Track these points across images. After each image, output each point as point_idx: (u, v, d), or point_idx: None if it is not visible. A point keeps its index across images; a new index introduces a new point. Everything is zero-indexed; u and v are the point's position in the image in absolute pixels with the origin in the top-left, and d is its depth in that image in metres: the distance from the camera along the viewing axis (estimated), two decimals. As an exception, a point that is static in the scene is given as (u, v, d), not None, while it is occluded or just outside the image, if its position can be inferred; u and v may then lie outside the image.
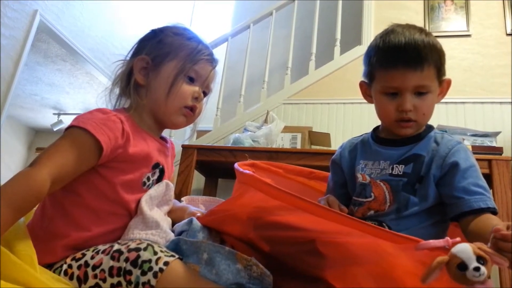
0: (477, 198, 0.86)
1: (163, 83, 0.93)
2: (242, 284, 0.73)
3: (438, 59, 0.94)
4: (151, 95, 0.95)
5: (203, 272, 0.75)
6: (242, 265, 0.74)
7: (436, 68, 0.94)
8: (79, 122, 0.81)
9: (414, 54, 0.91)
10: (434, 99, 0.96)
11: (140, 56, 0.96)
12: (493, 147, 1.97)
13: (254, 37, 3.25)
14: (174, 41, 0.97)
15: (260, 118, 2.76)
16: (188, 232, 0.84)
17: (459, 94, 2.60)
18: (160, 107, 0.94)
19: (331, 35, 3.10)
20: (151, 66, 0.95)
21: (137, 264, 0.73)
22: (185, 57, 0.95)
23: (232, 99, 3.40)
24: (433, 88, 0.95)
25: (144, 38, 1.01)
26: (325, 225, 0.70)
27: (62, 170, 0.76)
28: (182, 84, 0.94)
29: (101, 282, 0.75)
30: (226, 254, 0.75)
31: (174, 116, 0.96)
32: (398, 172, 0.95)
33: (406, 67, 0.91)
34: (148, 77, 0.95)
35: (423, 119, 0.96)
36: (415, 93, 0.93)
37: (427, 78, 0.92)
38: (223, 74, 3.14)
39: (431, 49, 0.93)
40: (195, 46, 0.97)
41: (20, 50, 3.36)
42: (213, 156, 2.15)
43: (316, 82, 2.90)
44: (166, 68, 0.94)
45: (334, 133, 2.59)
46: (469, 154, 0.94)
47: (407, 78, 0.91)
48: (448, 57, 1.00)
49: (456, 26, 2.82)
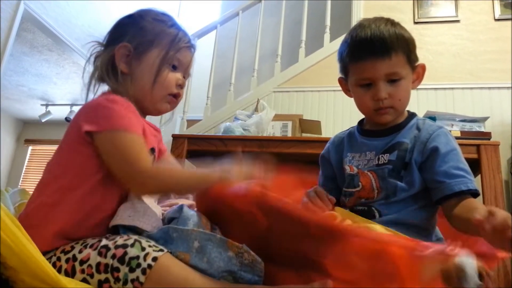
0: (458, 181, 0.89)
1: (148, 71, 0.94)
2: (234, 271, 0.73)
3: (406, 46, 0.97)
4: (136, 84, 0.95)
5: (194, 261, 0.74)
6: (234, 253, 0.74)
7: (405, 55, 0.97)
8: (117, 125, 0.84)
9: (381, 44, 0.94)
10: (408, 84, 0.99)
11: (122, 44, 0.94)
12: (481, 132, 1.99)
13: (244, 25, 3.23)
14: (155, 28, 0.97)
15: (250, 107, 2.75)
16: (179, 220, 0.83)
17: (448, 80, 2.62)
18: (146, 95, 0.95)
19: (320, 22, 3.08)
20: (134, 54, 0.95)
21: (124, 261, 0.72)
22: (168, 45, 0.96)
23: (222, 88, 3.39)
24: (405, 74, 0.97)
25: (123, 23, 1.00)
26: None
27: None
28: (167, 72, 0.96)
29: (89, 278, 0.74)
30: (218, 241, 0.75)
31: (159, 103, 0.97)
32: (383, 161, 0.99)
33: (374, 57, 0.95)
34: (131, 65, 0.95)
35: (400, 105, 0.99)
36: (388, 81, 0.96)
37: (396, 65, 0.95)
38: (212, 63, 3.12)
39: (397, 38, 0.96)
40: (176, 33, 0.98)
41: (5, 40, 3.30)
42: (204, 146, 2.15)
43: (306, 69, 2.89)
44: (149, 56, 0.95)
45: (325, 121, 2.59)
46: (450, 138, 0.97)
47: (377, 68, 0.95)
48: (437, 43, 1.01)
49: (445, 12, 2.82)
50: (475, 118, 2.07)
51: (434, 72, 2.66)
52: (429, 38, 2.76)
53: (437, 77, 2.65)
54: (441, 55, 2.71)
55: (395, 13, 2.87)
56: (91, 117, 0.85)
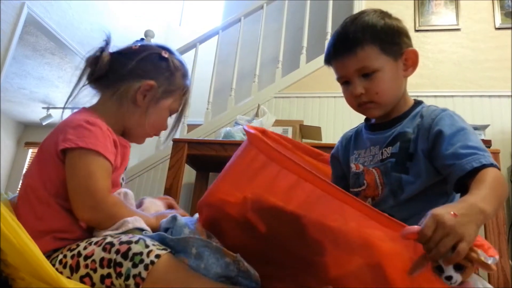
0: (469, 159, 0.78)
1: (156, 115, 1.03)
2: (231, 276, 0.74)
3: (376, 36, 0.93)
4: (136, 118, 1.01)
5: (192, 266, 0.75)
6: (231, 259, 0.75)
7: (376, 46, 0.92)
8: (88, 144, 0.87)
9: (343, 42, 0.95)
10: (388, 75, 0.94)
11: (152, 83, 1.00)
12: (482, 140, 1.99)
13: (245, 31, 3.24)
14: (180, 81, 1.06)
15: (251, 112, 2.76)
16: (173, 230, 0.84)
17: (448, 88, 2.63)
18: (136, 129, 1.04)
19: (322, 29, 3.09)
20: (155, 96, 1.01)
21: (127, 256, 0.73)
22: (179, 95, 1.06)
23: (223, 93, 3.39)
24: (380, 66, 0.92)
25: (160, 64, 1.03)
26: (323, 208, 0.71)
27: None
28: (166, 120, 1.07)
29: (92, 272, 0.75)
30: (214, 248, 0.75)
31: (138, 139, 1.08)
32: (386, 155, 0.95)
33: (340, 56, 0.95)
34: (145, 101, 1.01)
35: (379, 97, 0.94)
36: (363, 76, 0.94)
37: (365, 59, 0.92)
38: (214, 68, 3.13)
39: (363, 30, 0.93)
40: (187, 84, 1.08)
41: (8, 43, 3.32)
42: (204, 150, 2.15)
43: (307, 75, 2.90)
44: (163, 104, 1.03)
45: (325, 127, 2.60)
46: (455, 119, 0.90)
47: (346, 65, 0.94)
48: (438, 51, 1.01)
49: (445, 20, 2.84)
50: (475, 126, 2.08)
51: (435, 80, 2.67)
52: (429, 46, 2.77)
53: (437, 85, 2.66)
54: (442, 63, 2.72)
55: (396, 21, 2.89)
56: (69, 134, 0.89)
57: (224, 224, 0.87)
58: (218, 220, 0.88)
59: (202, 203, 0.89)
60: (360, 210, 0.67)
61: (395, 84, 0.96)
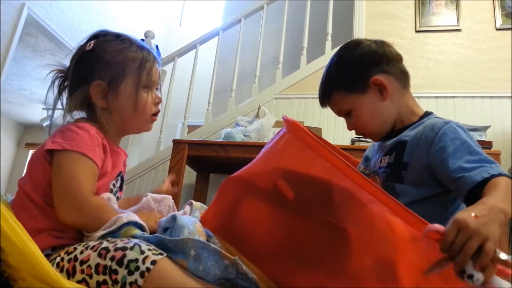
0: (478, 171, 0.80)
1: (127, 102, 0.98)
2: (230, 279, 0.73)
3: (337, 82, 1.04)
4: (117, 115, 0.99)
5: (191, 269, 0.73)
6: (230, 261, 0.74)
7: (341, 89, 1.02)
8: (74, 146, 0.87)
9: (320, 94, 1.09)
10: (366, 107, 1.00)
11: (96, 83, 0.96)
12: (482, 141, 1.99)
13: (246, 32, 3.24)
14: (120, 57, 0.99)
15: (251, 113, 2.75)
16: (173, 230, 0.83)
17: (449, 88, 2.62)
18: (130, 122, 1.01)
19: (322, 30, 3.09)
20: (109, 89, 0.97)
21: (122, 263, 0.72)
22: (138, 70, 0.99)
23: (224, 94, 3.39)
24: (352, 105, 1.01)
25: (87, 60, 1.00)
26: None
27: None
28: (144, 96, 1.00)
29: (88, 278, 0.74)
30: (213, 251, 0.75)
31: (144, 126, 1.05)
32: (384, 163, 0.99)
33: (322, 103, 1.10)
34: (108, 99, 0.98)
35: (367, 129, 1.03)
36: (346, 115, 1.04)
37: (337, 104, 1.04)
38: (214, 69, 3.12)
39: (326, 81, 1.06)
40: (140, 55, 1.01)
41: (8, 44, 3.31)
42: (205, 151, 2.14)
43: (308, 76, 2.89)
44: (124, 87, 0.98)
45: (326, 128, 2.59)
46: (458, 132, 0.90)
47: (331, 109, 1.09)
48: (438, 52, 1.02)
49: (446, 21, 2.84)
50: (476, 127, 2.07)
51: (435, 81, 2.66)
52: (430, 47, 2.77)
53: (438, 86, 2.65)
54: (442, 64, 2.71)
55: (397, 22, 2.89)
56: (56, 137, 0.89)
57: (249, 201, 0.86)
58: (244, 197, 0.86)
59: (229, 180, 0.87)
60: (388, 205, 0.67)
61: (376, 112, 1.01)
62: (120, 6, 4.76)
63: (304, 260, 0.76)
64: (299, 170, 0.79)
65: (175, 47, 3.49)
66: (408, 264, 0.66)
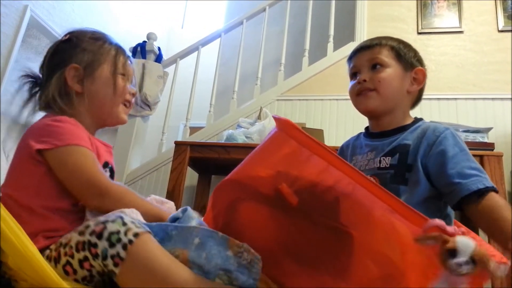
0: (474, 180, 0.85)
1: (104, 85, 1.00)
2: (230, 270, 0.72)
3: (395, 46, 1.06)
4: (94, 100, 1.00)
5: (192, 256, 0.72)
6: (233, 252, 0.73)
7: (392, 50, 1.05)
8: (65, 141, 0.87)
9: (367, 42, 1.09)
10: (393, 75, 1.03)
11: (72, 66, 0.98)
12: (485, 143, 1.98)
13: (247, 33, 3.24)
14: (97, 46, 1.02)
15: (253, 115, 2.75)
16: (182, 219, 0.83)
17: (451, 90, 2.62)
18: (105, 107, 1.01)
19: (324, 32, 3.09)
20: (85, 74, 0.99)
21: (102, 236, 0.69)
22: (113, 58, 1.02)
23: (225, 96, 3.39)
24: (390, 64, 1.03)
25: (62, 49, 1.02)
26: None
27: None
28: (121, 81, 1.03)
29: (70, 259, 0.72)
30: (219, 239, 0.74)
31: (119, 113, 1.04)
32: (385, 164, 0.98)
33: (361, 50, 1.08)
34: (83, 84, 0.99)
35: (380, 86, 1.02)
36: (372, 69, 1.04)
37: (379, 53, 1.04)
38: (216, 71, 3.13)
39: (386, 38, 1.08)
40: (115, 48, 1.05)
41: (11, 46, 3.33)
42: (206, 153, 2.15)
43: (310, 78, 2.90)
44: (101, 72, 1.00)
45: (328, 130, 2.59)
46: (458, 140, 0.95)
47: (361, 56, 1.07)
48: (440, 54, 1.03)
49: (448, 23, 2.83)
50: (478, 128, 2.07)
51: (437, 83, 2.66)
52: (432, 49, 2.76)
53: (440, 88, 2.65)
54: (445, 66, 2.71)
55: (399, 24, 2.89)
56: (40, 136, 0.88)
57: (246, 204, 0.85)
58: (242, 200, 0.86)
59: (225, 182, 0.86)
60: (386, 201, 0.67)
61: (397, 85, 1.04)
62: (123, 8, 4.78)
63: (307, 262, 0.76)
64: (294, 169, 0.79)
65: (177, 49, 3.50)
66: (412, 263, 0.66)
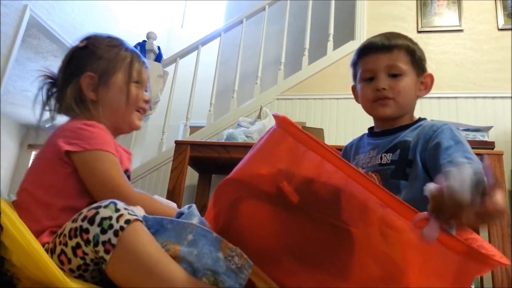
0: (466, 166, 0.81)
1: (118, 93, 1.01)
2: (218, 272, 0.71)
3: (410, 47, 1.04)
4: (108, 108, 1.01)
5: (183, 252, 0.71)
6: (224, 255, 0.72)
7: (408, 54, 1.03)
8: (97, 145, 0.89)
9: (383, 41, 1.03)
10: (410, 84, 1.03)
11: (87, 74, 0.99)
12: (485, 142, 1.98)
13: (247, 33, 3.24)
14: (113, 54, 1.03)
15: (253, 114, 2.75)
16: (185, 215, 0.83)
17: (451, 89, 2.62)
18: (120, 115, 1.02)
19: (324, 31, 3.09)
20: (99, 82, 1.00)
21: (94, 221, 0.68)
22: (129, 66, 1.04)
23: (225, 95, 3.39)
24: (407, 71, 1.02)
25: (78, 56, 1.04)
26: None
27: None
28: (134, 89, 1.04)
29: (64, 247, 0.71)
30: (213, 239, 0.73)
31: (134, 120, 1.05)
32: (386, 161, 0.99)
33: (376, 51, 1.03)
34: (98, 92, 1.00)
35: (399, 96, 1.01)
36: (389, 75, 1.01)
37: (397, 59, 1.01)
38: (216, 70, 3.13)
39: (401, 37, 1.05)
40: (130, 54, 1.06)
41: (10, 45, 3.33)
42: (207, 152, 2.15)
43: (310, 77, 2.90)
44: (115, 80, 1.01)
45: (328, 129, 2.59)
46: (455, 133, 0.93)
47: (378, 60, 1.02)
48: (441, 52, 1.03)
49: (448, 21, 2.83)
50: (479, 127, 2.07)
51: (437, 81, 2.62)
52: (432, 47, 2.76)
53: (440, 86, 2.64)
54: (445, 64, 2.71)
55: (399, 22, 2.89)
56: (70, 138, 0.90)
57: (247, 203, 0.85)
58: (243, 199, 0.85)
59: (227, 181, 0.86)
60: (379, 196, 0.68)
61: (412, 93, 1.05)
62: (122, 8, 4.77)
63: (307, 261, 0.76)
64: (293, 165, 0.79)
65: (177, 48, 3.50)
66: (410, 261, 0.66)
